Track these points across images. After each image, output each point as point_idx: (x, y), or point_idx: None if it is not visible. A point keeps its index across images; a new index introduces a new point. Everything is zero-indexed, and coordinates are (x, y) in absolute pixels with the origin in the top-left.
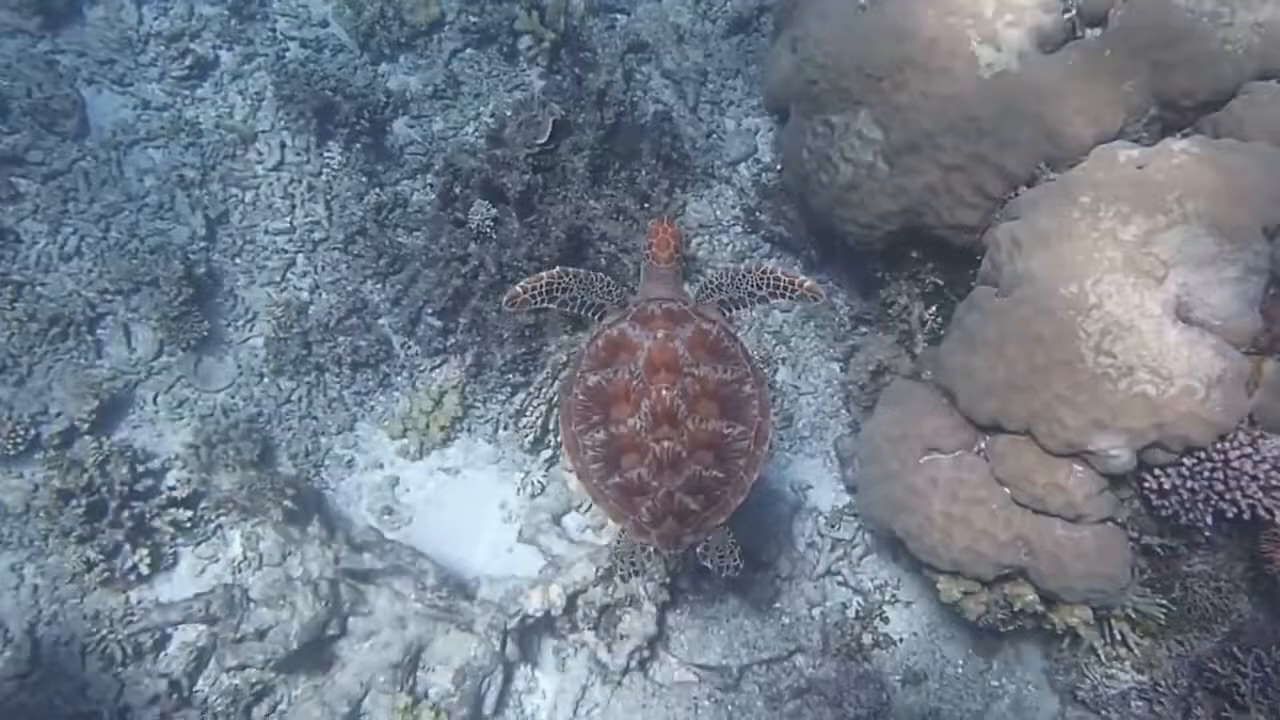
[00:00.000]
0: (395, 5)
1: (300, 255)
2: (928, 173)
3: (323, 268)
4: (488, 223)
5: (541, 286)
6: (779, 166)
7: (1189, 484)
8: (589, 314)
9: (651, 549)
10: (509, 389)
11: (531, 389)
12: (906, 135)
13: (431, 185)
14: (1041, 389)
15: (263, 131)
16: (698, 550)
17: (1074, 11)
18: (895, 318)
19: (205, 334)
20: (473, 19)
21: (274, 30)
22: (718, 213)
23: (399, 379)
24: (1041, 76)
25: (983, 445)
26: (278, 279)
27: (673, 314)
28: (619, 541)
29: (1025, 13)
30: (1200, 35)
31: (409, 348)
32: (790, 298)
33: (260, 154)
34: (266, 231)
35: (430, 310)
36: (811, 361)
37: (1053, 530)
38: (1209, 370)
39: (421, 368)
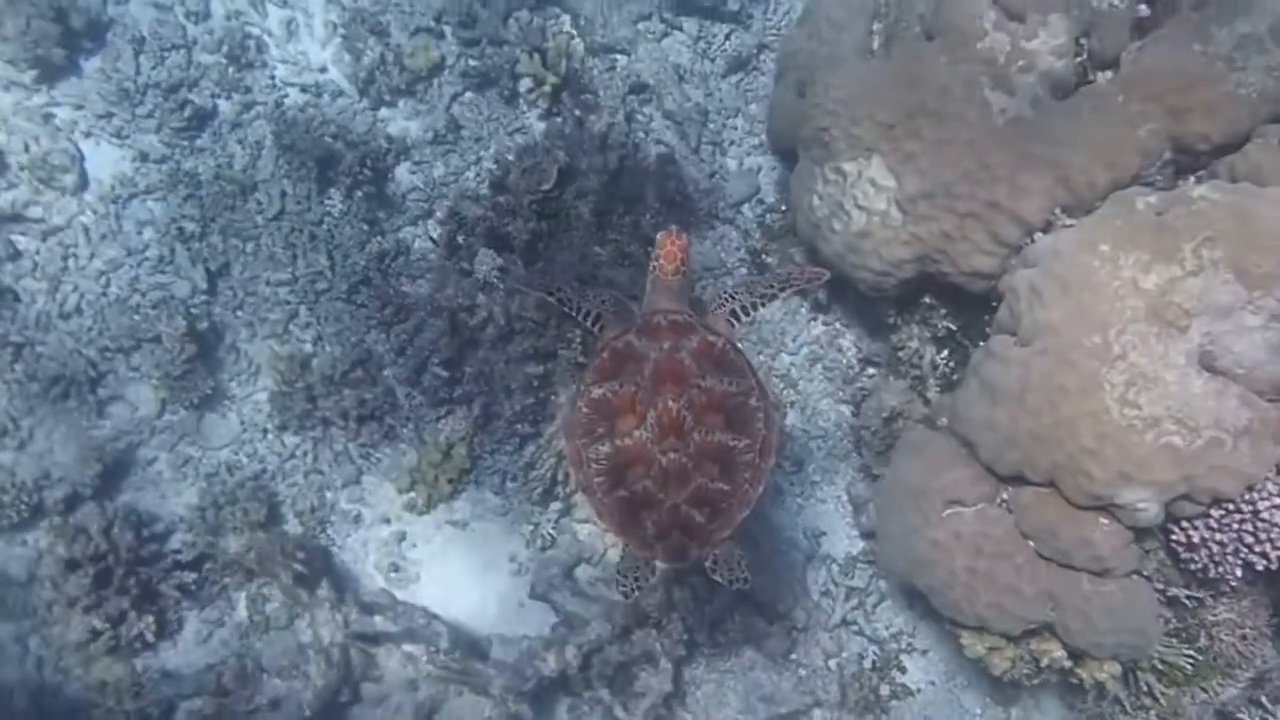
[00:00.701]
0: (395, 50)
1: (303, 306)
2: (942, 220)
3: (326, 319)
4: (494, 272)
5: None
6: (784, 207)
7: (1218, 536)
8: (587, 321)
9: (656, 563)
10: (517, 439)
11: (541, 441)
12: (920, 183)
13: (434, 238)
14: (1066, 441)
15: (262, 181)
16: (706, 565)
17: (1086, 55)
18: (906, 361)
19: (209, 392)
20: (472, 62)
21: (273, 77)
22: (722, 255)
23: (405, 430)
24: (1056, 123)
25: (1005, 496)
26: (280, 331)
27: (679, 326)
28: (622, 556)
29: (1038, 58)
30: (1215, 79)
31: (414, 398)
32: (801, 290)
33: (260, 204)
34: (268, 283)
35: (436, 360)
36: (821, 404)
37: (1079, 585)
38: (1235, 420)
39: (427, 419)
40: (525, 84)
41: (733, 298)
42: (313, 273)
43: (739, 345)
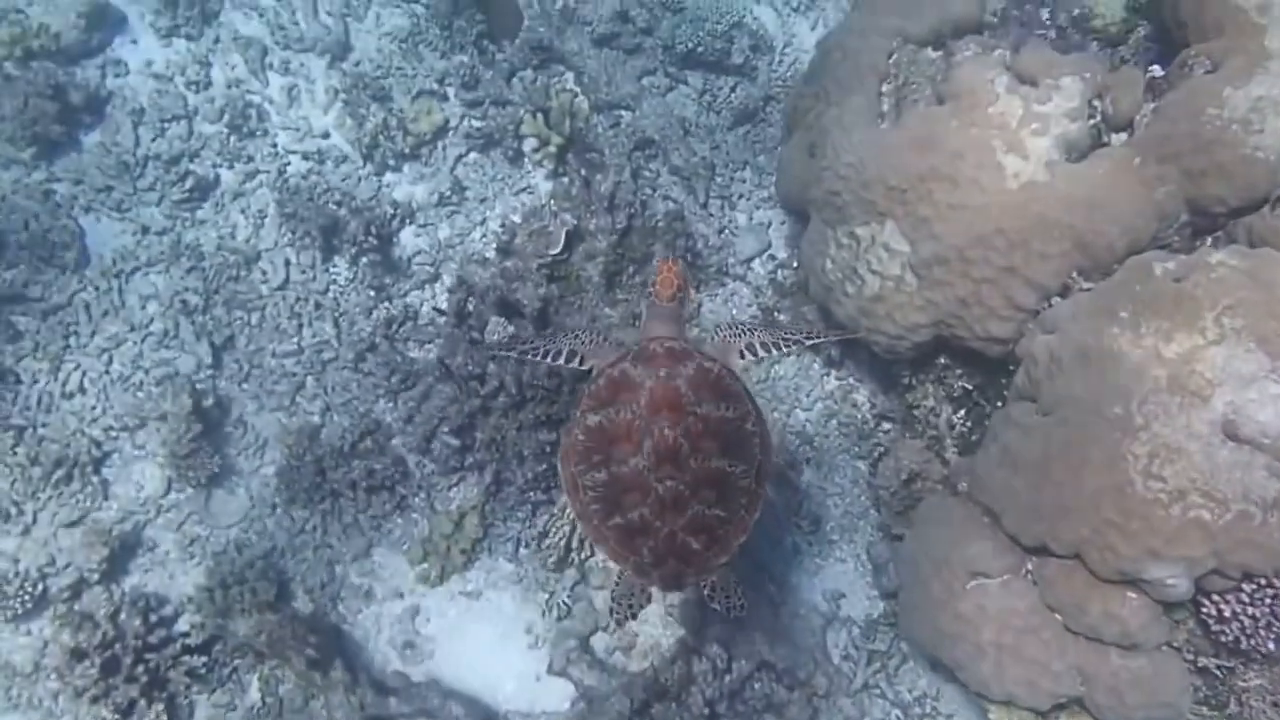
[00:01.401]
0: (398, 115)
1: (310, 377)
2: (958, 286)
3: (333, 389)
4: (505, 340)
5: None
6: (795, 264)
7: (1250, 611)
8: (564, 360)
9: (652, 590)
10: (530, 506)
11: (555, 509)
12: (935, 248)
13: (443, 309)
14: (1091, 514)
15: (266, 250)
16: (704, 592)
17: (1099, 118)
18: (922, 420)
19: (216, 470)
20: (476, 123)
21: (275, 145)
22: (734, 312)
23: (416, 500)
24: (1071, 186)
25: (1030, 567)
26: (287, 403)
27: (674, 353)
28: (618, 583)
29: (1051, 121)
30: (1231, 142)
31: (424, 467)
32: (810, 345)
33: (264, 274)
34: (274, 354)
35: (446, 429)
36: (837, 461)
37: (1108, 659)
38: (1263, 492)
39: (438, 487)
40: (530, 143)
41: (752, 332)
42: (319, 342)
43: (735, 371)
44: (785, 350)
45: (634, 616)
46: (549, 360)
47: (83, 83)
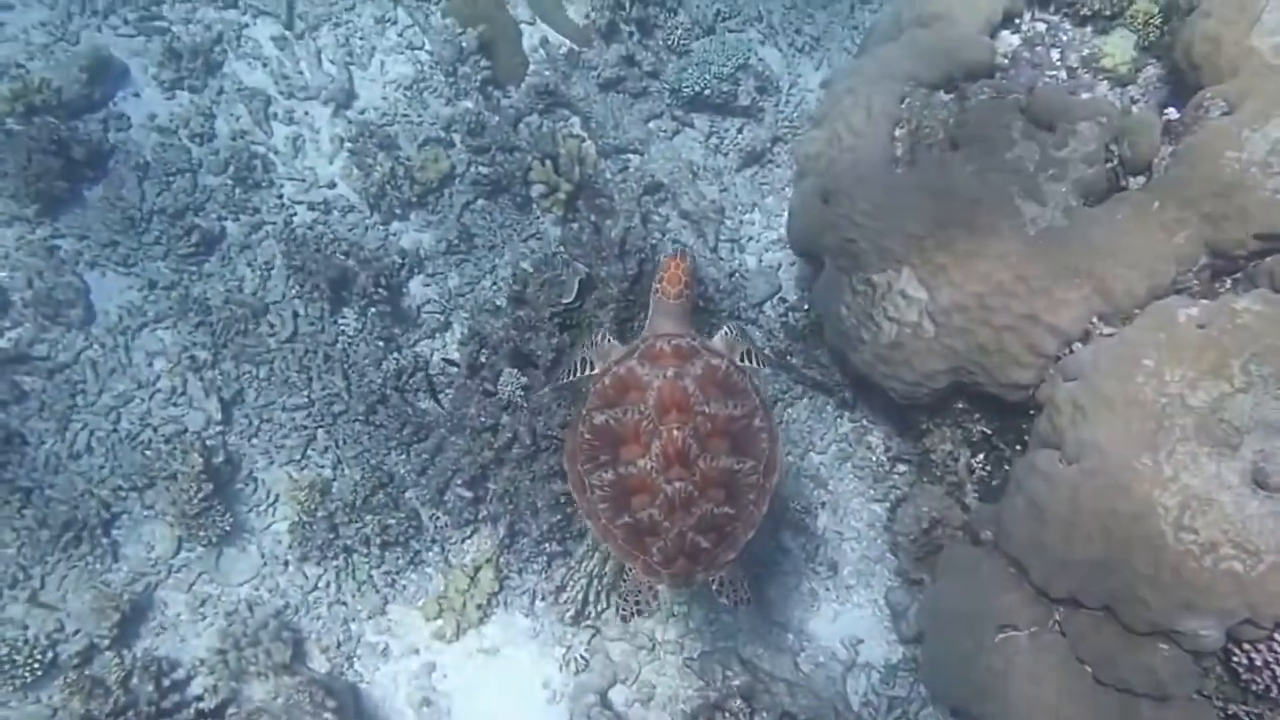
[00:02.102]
0: (404, 164)
1: (320, 430)
2: (978, 333)
3: (344, 441)
4: (518, 392)
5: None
6: (806, 306)
7: None
8: (584, 371)
9: (658, 589)
10: (545, 558)
11: (572, 563)
12: (954, 295)
13: (455, 361)
14: (1121, 567)
15: (274, 303)
16: (712, 586)
17: (1116, 161)
18: (939, 464)
19: (227, 528)
20: (483, 170)
21: (280, 196)
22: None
23: (430, 554)
24: (1091, 231)
25: (1058, 617)
26: (298, 457)
27: (681, 351)
28: (625, 580)
29: (1068, 166)
30: (1251, 185)
31: (438, 519)
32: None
33: (273, 326)
34: (284, 408)
35: (459, 481)
36: (852, 504)
37: (1140, 711)
38: None
39: (452, 539)
40: (537, 189)
41: (753, 342)
42: (329, 395)
43: (740, 365)
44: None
45: (642, 613)
46: (572, 377)
47: (86, 137)
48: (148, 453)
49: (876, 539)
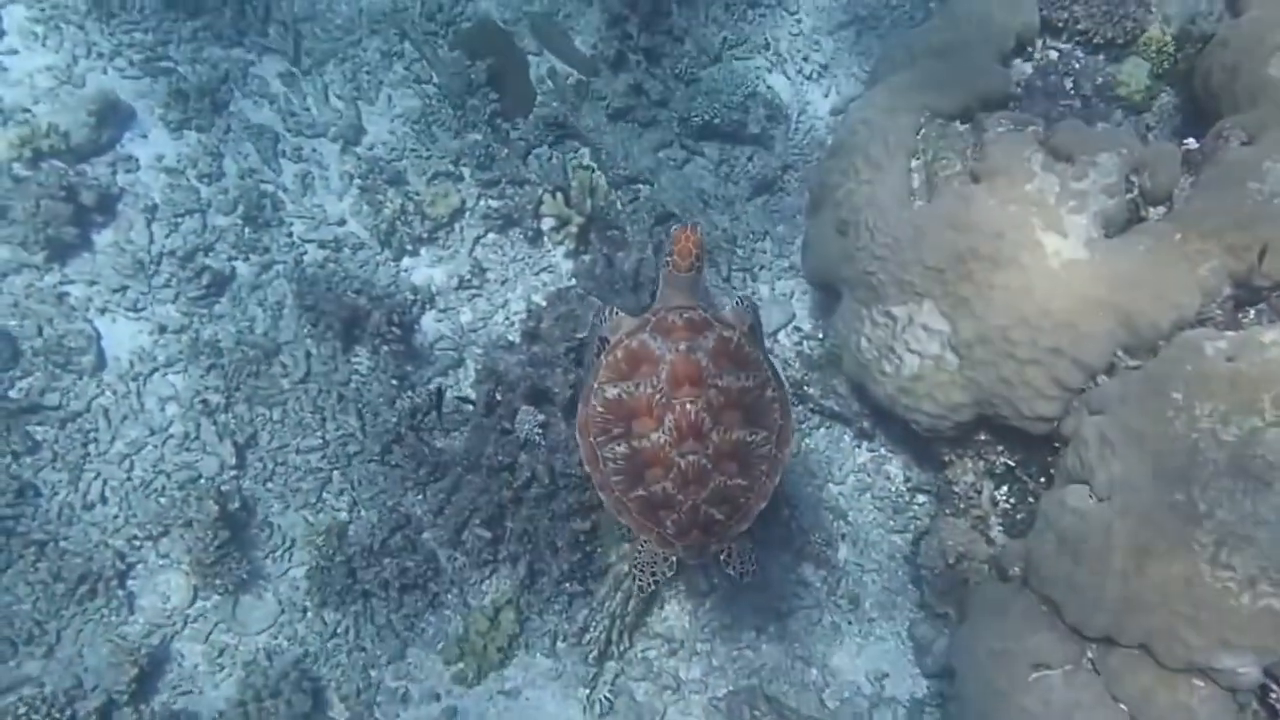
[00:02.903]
0: (414, 200)
1: (335, 472)
2: (1001, 366)
3: (360, 483)
4: (536, 430)
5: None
6: (821, 335)
7: None
8: (603, 348)
9: (673, 559)
10: (566, 598)
11: (594, 604)
12: (976, 328)
13: (467, 399)
14: (1158, 606)
15: (286, 343)
16: (720, 557)
17: (1137, 192)
18: (962, 496)
19: (244, 576)
20: (493, 203)
21: (290, 235)
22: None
23: (449, 596)
24: (1113, 264)
25: (1091, 654)
26: (314, 500)
27: (693, 323)
28: (639, 551)
29: (1088, 198)
30: (1273, 216)
31: (456, 560)
32: None
33: (285, 367)
34: (298, 450)
35: (477, 520)
36: (872, 535)
37: None
38: None
39: (471, 580)
40: (549, 222)
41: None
42: (343, 435)
43: (751, 334)
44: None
45: (657, 583)
46: (598, 355)
47: (94, 181)
48: (161, 500)
49: (898, 570)
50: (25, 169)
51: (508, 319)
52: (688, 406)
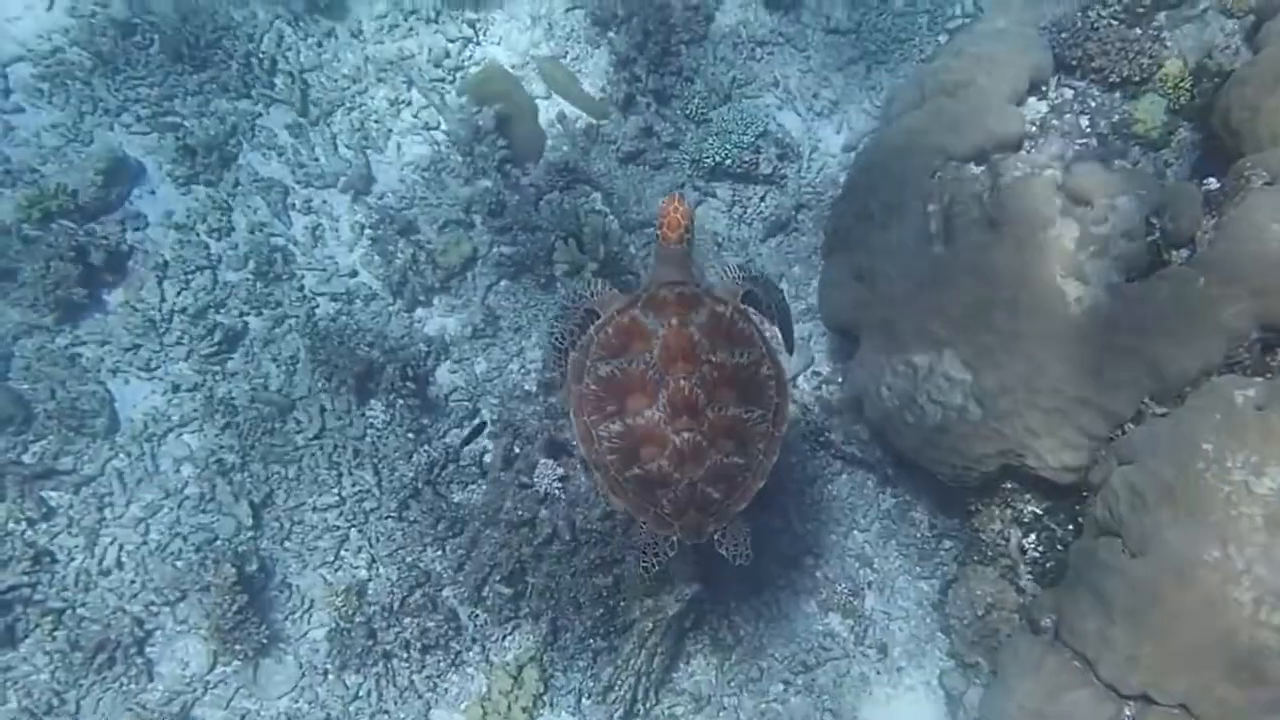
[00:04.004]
0: (426, 249)
1: (353, 530)
2: (1027, 416)
3: (378, 539)
4: (556, 484)
5: (555, 358)
6: (840, 379)
7: None
8: (588, 325)
9: (674, 540)
10: (590, 655)
11: (619, 661)
12: (1000, 378)
13: (488, 453)
14: (1197, 665)
15: (300, 398)
16: (715, 538)
17: (1158, 235)
18: (989, 544)
19: (264, 641)
20: (505, 250)
21: (302, 288)
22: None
23: (471, 654)
24: (1137, 310)
25: (1130, 713)
26: (331, 559)
27: (685, 298)
28: (640, 533)
29: (1109, 242)
30: None
31: (477, 617)
32: (781, 332)
33: (300, 423)
34: (314, 508)
35: (497, 577)
36: (899, 582)
37: None
38: None
39: (493, 637)
40: (562, 268)
41: (756, 281)
42: (360, 492)
43: (745, 311)
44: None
45: (661, 565)
46: (573, 331)
47: (104, 240)
48: (178, 564)
49: (925, 618)
50: (34, 230)
51: (523, 367)
52: (682, 382)
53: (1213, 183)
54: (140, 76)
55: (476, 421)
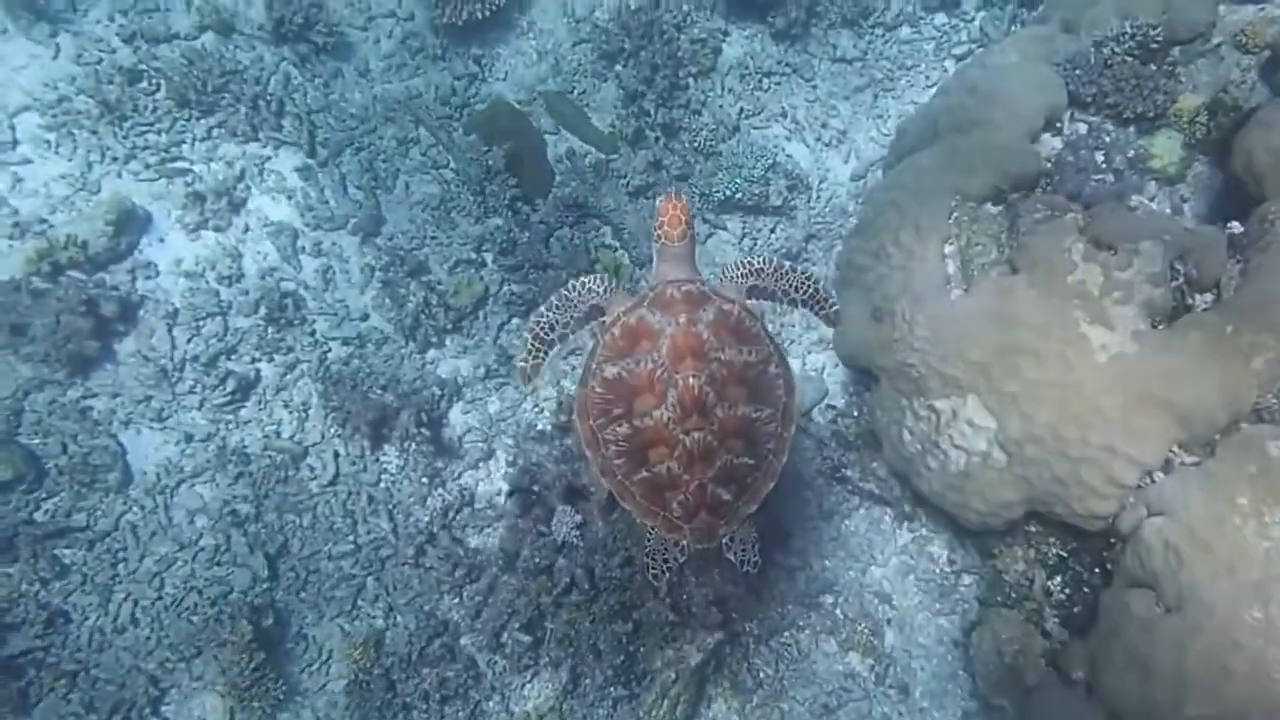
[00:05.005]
0: (438, 291)
1: (370, 578)
2: (1054, 465)
3: (394, 587)
4: (574, 532)
5: (531, 345)
6: (856, 413)
7: None
8: (593, 320)
9: (684, 544)
10: (611, 703)
11: (641, 711)
12: (1026, 427)
13: (505, 502)
14: None
15: (313, 445)
16: (724, 542)
17: (1182, 279)
18: (1013, 585)
19: (281, 697)
20: (514, 288)
21: (313, 333)
22: (799, 468)
23: (490, 704)
24: (1164, 358)
25: None
26: (348, 608)
27: (692, 296)
28: (649, 539)
29: (1133, 289)
30: None
31: (496, 665)
32: (815, 311)
33: (313, 470)
34: (330, 556)
35: (516, 625)
36: (918, 619)
37: None
38: None
39: (512, 686)
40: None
41: (759, 274)
42: (375, 539)
43: (751, 309)
44: (779, 301)
45: (670, 571)
46: (566, 324)
47: (114, 290)
48: (194, 619)
49: (947, 655)
50: (44, 283)
51: (536, 406)
52: (690, 381)
53: (1236, 226)
54: (148, 123)
55: None
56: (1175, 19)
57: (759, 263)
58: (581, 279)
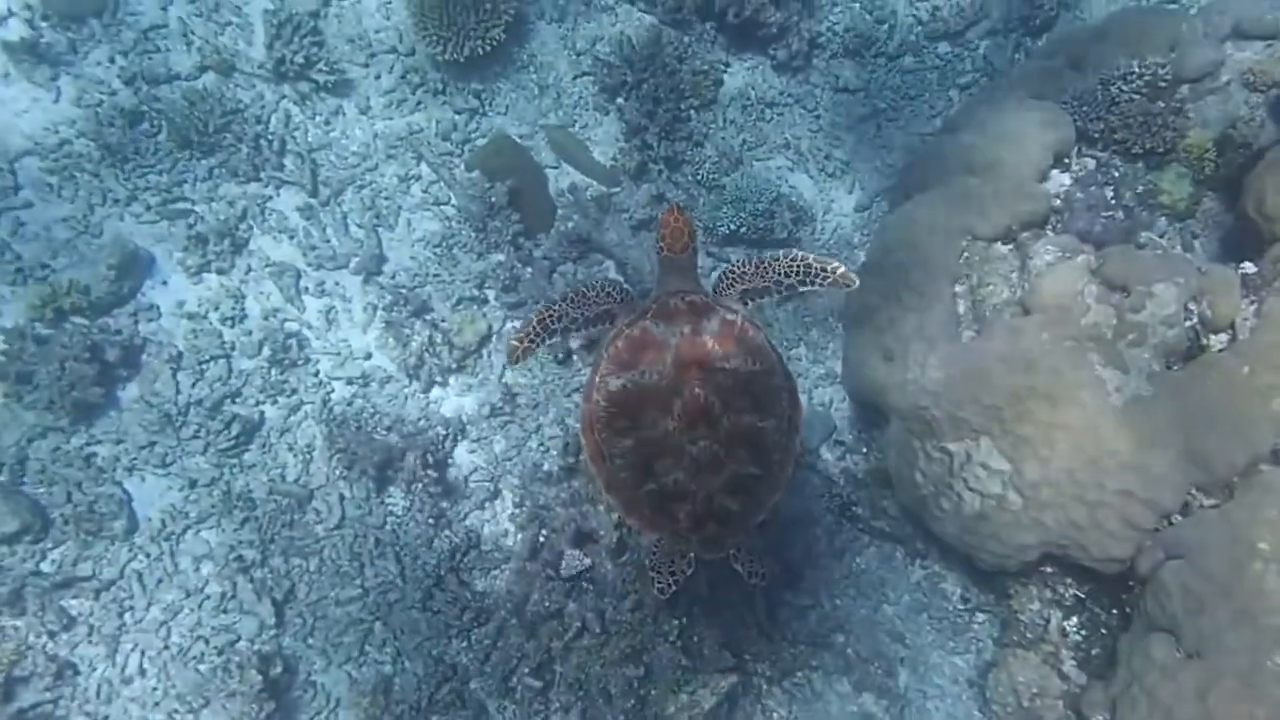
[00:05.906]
0: (441, 330)
1: (377, 623)
2: (1070, 509)
3: (402, 631)
4: (585, 576)
5: (534, 328)
6: (864, 449)
7: None
8: (601, 325)
9: (691, 556)
10: None
11: None
12: (1041, 471)
13: (515, 532)
14: None
15: (318, 488)
16: (731, 554)
17: (1196, 320)
18: (1028, 625)
19: None
20: (518, 325)
21: (317, 373)
22: (809, 505)
23: None
24: (1180, 401)
25: None
26: (356, 654)
27: (696, 307)
28: (655, 551)
29: (1147, 330)
30: None
31: (506, 710)
32: (822, 285)
33: (319, 513)
34: (337, 601)
35: (526, 669)
36: (932, 658)
37: None
38: None
39: None
40: (577, 341)
41: (742, 277)
42: (382, 583)
43: (755, 320)
44: (778, 294)
45: (677, 584)
46: (590, 328)
47: (118, 335)
48: (201, 668)
49: (961, 695)
50: (48, 329)
51: (542, 444)
52: (696, 391)
53: (1249, 267)
54: (149, 165)
55: None
56: (1184, 58)
57: (737, 266)
58: (602, 280)
